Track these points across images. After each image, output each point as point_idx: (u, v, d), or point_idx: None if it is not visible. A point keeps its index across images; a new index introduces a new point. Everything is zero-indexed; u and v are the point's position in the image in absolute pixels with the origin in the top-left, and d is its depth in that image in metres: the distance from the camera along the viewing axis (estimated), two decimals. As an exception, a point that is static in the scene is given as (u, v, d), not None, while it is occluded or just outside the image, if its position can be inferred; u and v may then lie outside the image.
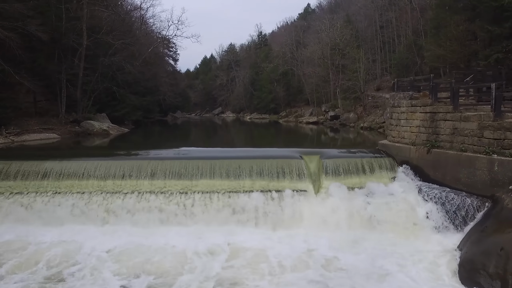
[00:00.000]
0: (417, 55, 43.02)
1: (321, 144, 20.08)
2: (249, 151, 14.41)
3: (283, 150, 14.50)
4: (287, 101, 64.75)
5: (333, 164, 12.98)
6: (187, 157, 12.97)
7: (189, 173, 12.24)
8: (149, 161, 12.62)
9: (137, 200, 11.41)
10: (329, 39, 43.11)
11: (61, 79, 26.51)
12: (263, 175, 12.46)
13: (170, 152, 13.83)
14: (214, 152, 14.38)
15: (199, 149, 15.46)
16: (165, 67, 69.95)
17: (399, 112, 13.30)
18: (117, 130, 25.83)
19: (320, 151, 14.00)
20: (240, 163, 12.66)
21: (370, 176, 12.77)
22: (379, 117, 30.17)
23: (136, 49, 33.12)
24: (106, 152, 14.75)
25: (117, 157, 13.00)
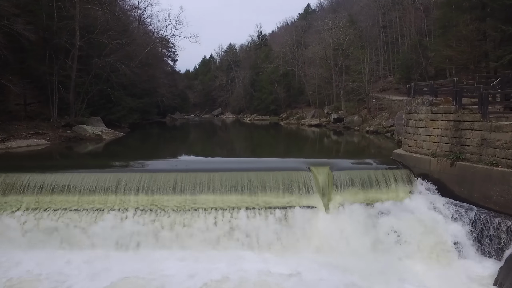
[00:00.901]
0: (422, 56, 41.90)
1: (328, 151, 18.70)
2: (251, 161, 13.14)
3: (289, 160, 13.26)
4: (288, 102, 63.52)
5: (344, 176, 11.76)
6: (178, 169, 11.70)
7: (182, 187, 11.02)
8: (142, 174, 11.39)
9: (121, 218, 10.17)
10: (332, 39, 41.84)
11: (52, 81, 25.26)
12: (267, 190, 11.23)
13: (161, 164, 12.59)
14: (212, 163, 13.06)
15: (195, 158, 14.23)
16: (164, 67, 68.72)
17: (417, 119, 12.06)
18: (111, 135, 24.56)
19: (329, 162, 12.74)
20: (241, 176, 11.43)
21: (385, 190, 11.54)
22: (385, 120, 28.94)
23: (133, 49, 31.84)
24: (90, 163, 13.42)
25: (101, 169, 11.73)
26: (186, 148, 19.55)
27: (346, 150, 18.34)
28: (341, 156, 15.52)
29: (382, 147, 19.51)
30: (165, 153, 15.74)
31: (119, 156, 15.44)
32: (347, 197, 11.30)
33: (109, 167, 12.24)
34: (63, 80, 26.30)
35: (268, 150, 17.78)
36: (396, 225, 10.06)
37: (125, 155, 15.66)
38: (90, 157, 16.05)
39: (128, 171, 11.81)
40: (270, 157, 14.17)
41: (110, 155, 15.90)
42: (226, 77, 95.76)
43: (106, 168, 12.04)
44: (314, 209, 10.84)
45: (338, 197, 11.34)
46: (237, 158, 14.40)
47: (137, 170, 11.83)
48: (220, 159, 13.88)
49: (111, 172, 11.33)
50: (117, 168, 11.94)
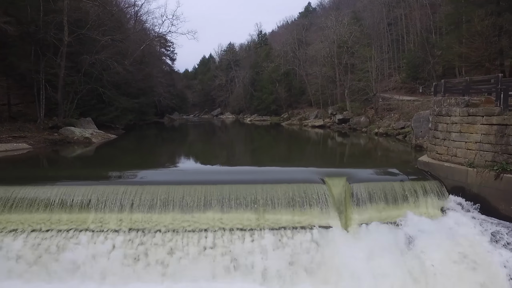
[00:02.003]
0: (430, 54, 40.19)
1: (340, 157, 16.73)
2: (254, 171, 11.37)
3: (298, 170, 11.50)
4: (289, 102, 61.82)
5: (364, 189, 10.01)
6: (169, 181, 9.94)
7: (173, 203, 9.27)
8: (126, 187, 9.63)
9: (96, 242, 8.42)
10: (336, 36, 40.06)
11: (39, 80, 23.49)
12: (274, 206, 9.48)
13: (150, 174, 10.79)
14: (209, 173, 11.24)
15: (189, 167, 12.43)
16: (161, 66, 67.00)
17: (448, 123, 10.31)
18: (102, 137, 22.79)
19: (345, 172, 11.01)
20: (243, 189, 9.67)
21: (413, 206, 9.82)
22: (395, 121, 27.19)
23: (127, 46, 30.04)
24: (66, 173, 11.63)
25: (76, 181, 9.97)
26: (181, 153, 17.67)
27: (360, 156, 16.49)
28: (357, 164, 13.64)
29: (397, 152, 17.73)
30: (157, 159, 13.95)
31: (105, 163, 13.65)
32: (368, 215, 9.58)
33: (87, 177, 10.47)
34: (51, 79, 24.54)
35: (273, 156, 15.92)
36: (429, 251, 8.32)
37: (112, 162, 13.87)
38: (70, 165, 14.08)
39: (111, 183, 10.05)
40: (275, 166, 12.39)
41: (94, 162, 14.07)
42: (225, 77, 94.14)
43: (83, 179, 10.28)
44: (330, 230, 9.10)
45: (357, 215, 9.61)
46: (238, 167, 12.58)
47: (121, 182, 10.06)
48: (219, 168, 12.07)
49: (88, 185, 9.57)
50: (96, 179, 10.16)
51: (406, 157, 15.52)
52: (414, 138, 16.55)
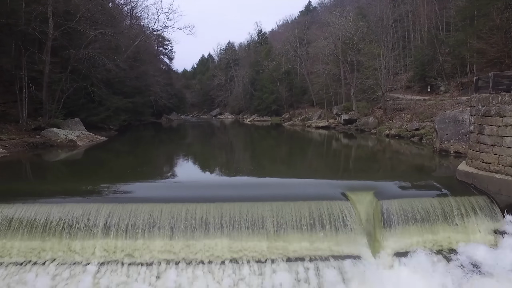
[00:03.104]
0: (439, 52, 38.30)
1: (357, 164, 14.25)
2: (261, 185, 9.36)
3: (312, 183, 9.49)
4: (290, 102, 59.85)
5: (397, 207, 8.10)
6: (157, 198, 7.99)
7: (159, 226, 7.33)
8: (103, 205, 7.68)
9: (63, 278, 6.48)
10: (341, 32, 38.09)
11: (22, 77, 21.51)
12: (286, 230, 7.55)
13: (135, 188, 8.79)
14: (206, 187, 9.19)
15: (183, 179, 10.39)
16: (159, 65, 65.03)
17: (500, 125, 8.37)
18: (90, 140, 20.81)
19: (371, 185, 9.09)
20: (248, 208, 7.74)
21: (461, 229, 7.88)
22: (407, 122, 25.25)
23: (118, 41, 28.02)
24: (35, 187, 9.59)
25: (46, 198, 7.99)
26: (174, 160, 15.49)
27: (380, 163, 14.42)
28: (380, 174, 11.50)
29: (420, 157, 15.76)
30: (145, 168, 11.88)
31: (82, 172, 11.61)
32: (404, 241, 7.66)
33: (61, 193, 8.49)
34: (36, 76, 22.61)
35: (279, 163, 13.81)
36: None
37: (92, 171, 11.79)
38: (38, 175, 11.74)
39: (87, 200, 8.07)
40: (284, 177, 10.40)
41: (69, 172, 11.97)
42: (225, 76, 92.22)
43: (56, 195, 8.30)
44: (358, 261, 7.17)
45: (391, 241, 7.68)
46: (240, 178, 10.49)
47: (97, 199, 8.09)
48: (218, 180, 10.02)
49: (50, 203, 7.62)
50: (63, 196, 8.18)
51: (432, 164, 13.57)
52: (439, 141, 14.59)
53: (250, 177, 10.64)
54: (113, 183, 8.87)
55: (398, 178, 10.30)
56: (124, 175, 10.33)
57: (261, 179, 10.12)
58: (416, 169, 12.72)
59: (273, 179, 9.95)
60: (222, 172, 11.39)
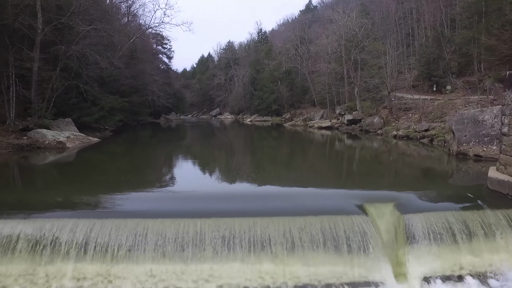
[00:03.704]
0: (445, 50, 37.14)
1: (367, 166, 12.92)
2: (264, 195, 8.12)
3: (323, 192, 8.29)
4: (291, 102, 58.66)
5: (425, 222, 6.92)
6: (143, 212, 6.82)
7: (143, 247, 6.15)
8: (78, 221, 6.49)
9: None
10: (345, 29, 36.87)
11: (9, 74, 20.33)
12: (294, 251, 6.37)
13: (116, 200, 7.58)
14: (202, 198, 7.95)
15: (177, 187, 9.19)
16: (157, 64, 63.92)
17: (544, 126, 7.19)
18: (81, 141, 19.62)
19: (390, 195, 7.90)
20: (250, 224, 6.57)
21: (503, 247, 6.70)
22: (416, 123, 24.05)
23: (115, 39, 26.83)
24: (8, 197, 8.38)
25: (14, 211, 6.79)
26: (168, 165, 14.14)
27: (394, 168, 13.18)
28: (398, 181, 10.13)
29: (436, 161, 14.54)
30: (134, 175, 10.57)
31: (62, 180, 10.33)
32: (435, 262, 6.49)
33: (27, 206, 7.30)
34: (26, 74, 21.46)
35: (283, 168, 12.57)
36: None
37: (72, 178, 10.45)
38: (13, 182, 10.59)
39: (63, 215, 6.86)
40: (290, 185, 9.19)
41: (47, 179, 10.70)
42: (224, 76, 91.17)
43: (21, 208, 7.10)
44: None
45: (419, 263, 6.51)
46: (241, 187, 9.21)
47: (70, 214, 6.89)
48: (214, 190, 8.68)
49: (24, 218, 6.43)
50: (39, 210, 6.99)
51: (453, 170, 12.36)
52: (456, 143, 13.40)
53: (251, 185, 9.34)
54: (93, 194, 7.69)
55: (419, 186, 9.12)
56: (107, 183, 9.13)
57: (264, 188, 8.86)
58: (436, 175, 11.49)
59: (278, 188, 8.72)
60: (219, 179, 10.15)
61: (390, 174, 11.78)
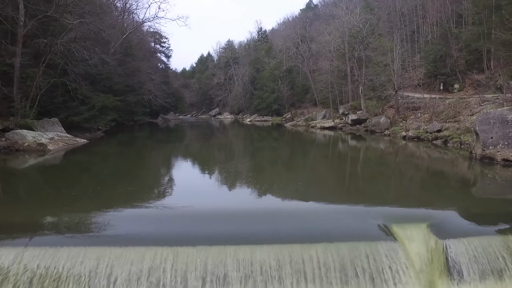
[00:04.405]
0: (452, 47, 35.67)
1: (383, 174, 11.04)
2: (265, 213, 6.50)
3: (338, 209, 6.70)
4: (292, 101, 57.21)
5: (470, 250, 5.42)
6: (117, 238, 5.31)
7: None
8: (30, 251, 5.00)
9: None
10: (349, 25, 35.33)
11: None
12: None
13: (80, 226, 6.04)
14: (184, 220, 6.38)
15: (167, 201, 7.53)
16: (155, 63, 62.41)
17: None
18: (65, 143, 18.09)
19: (422, 214, 6.40)
20: (246, 254, 5.07)
21: None
22: (426, 123, 22.55)
23: (104, 33, 25.27)
24: None
25: None
26: (155, 173, 12.08)
27: (415, 177, 11.41)
28: (424, 193, 8.52)
29: (457, 166, 13.00)
30: (118, 184, 9.03)
31: (28, 194, 8.73)
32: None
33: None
34: (8, 71, 19.98)
35: (286, 175, 10.89)
36: None
37: (37, 192, 8.82)
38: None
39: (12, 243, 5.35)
40: (295, 199, 7.60)
41: (13, 191, 9.13)
42: (224, 75, 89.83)
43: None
44: None
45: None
46: (237, 201, 7.52)
47: (15, 242, 5.36)
48: (209, 206, 6.88)
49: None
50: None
51: (483, 178, 10.81)
52: (481, 146, 11.89)
53: (249, 199, 7.71)
54: (56, 212, 6.19)
55: (450, 200, 7.60)
56: (79, 197, 7.59)
57: (264, 204, 7.19)
58: (465, 185, 9.92)
59: (281, 205, 7.10)
60: (210, 192, 8.58)
61: (411, 183, 10.20)
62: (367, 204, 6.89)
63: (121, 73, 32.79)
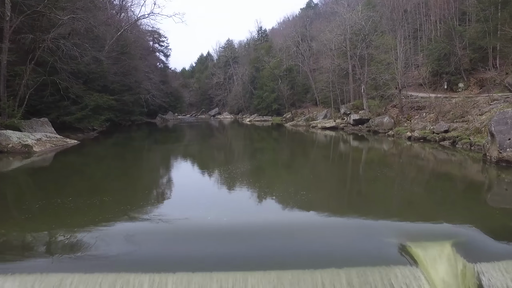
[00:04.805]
0: (457, 45, 34.72)
1: (393, 181, 9.80)
2: (263, 230, 5.55)
3: (346, 224, 5.79)
4: (292, 101, 56.29)
5: (507, 278, 4.51)
6: (71, 266, 4.39)
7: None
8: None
9: None
10: (350, 23, 34.39)
11: (-26, 68, 17.95)
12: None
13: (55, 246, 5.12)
14: (165, 244, 5.44)
15: (157, 215, 6.56)
16: (153, 62, 61.49)
17: None
18: (53, 144, 17.17)
19: (445, 230, 5.48)
20: (245, 284, 4.17)
21: None
22: (431, 123, 21.64)
23: (96, 29, 24.31)
24: None
25: None
26: (143, 181, 10.63)
27: (429, 182, 10.31)
28: (445, 206, 7.41)
29: (472, 170, 12.05)
30: (102, 193, 8.01)
31: (5, 200, 7.84)
32: None
33: None
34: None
35: (289, 184, 9.73)
36: None
37: (20, 199, 8.01)
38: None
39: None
40: (298, 212, 6.61)
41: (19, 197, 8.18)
42: (223, 75, 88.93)
43: None
44: None
45: None
46: (233, 214, 6.57)
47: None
48: (195, 222, 5.71)
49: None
50: None
51: (501, 183, 9.91)
52: (497, 148, 10.97)
53: (242, 213, 6.70)
54: (6, 231, 5.25)
55: (472, 211, 6.67)
56: (55, 208, 6.65)
57: (259, 219, 6.01)
58: (486, 193, 9.01)
59: (279, 219, 5.99)
60: (198, 204, 7.55)
61: (425, 191, 9.20)
62: (379, 218, 5.96)
63: (117, 71, 31.91)
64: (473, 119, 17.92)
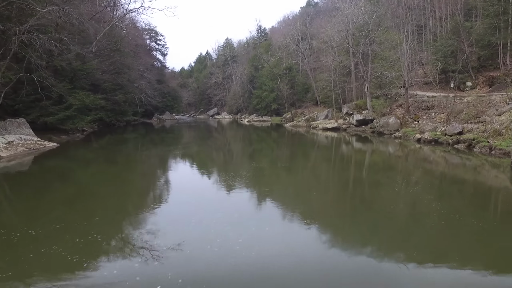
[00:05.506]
0: (464, 42, 33.05)
1: (415, 191, 8.55)
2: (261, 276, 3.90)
3: (372, 268, 4.16)
4: (292, 101, 54.62)
5: None
6: None
7: None
8: None
9: None
10: (353, 18, 32.71)
11: None
12: None
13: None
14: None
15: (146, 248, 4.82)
16: (149, 60, 59.82)
17: None
18: (26, 148, 15.52)
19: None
20: None
21: None
22: (442, 124, 19.96)
23: (75, 21, 22.54)
24: None
25: None
26: (123, 199, 8.62)
27: (465, 205, 8.37)
28: (496, 242, 5.67)
29: (504, 180, 10.36)
30: (67, 214, 6.37)
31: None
32: None
33: None
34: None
35: (286, 204, 8.07)
36: None
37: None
38: None
39: None
40: (297, 252, 4.80)
41: None
42: (222, 74, 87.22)
43: None
44: None
45: None
46: (216, 256, 4.79)
47: None
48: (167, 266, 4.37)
49: None
50: None
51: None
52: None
53: (244, 249, 5.11)
54: None
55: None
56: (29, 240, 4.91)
57: (261, 261, 4.55)
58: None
59: (271, 265, 4.45)
60: (189, 230, 5.83)
61: (460, 216, 7.31)
62: (403, 260, 4.28)
63: (108, 69, 30.25)
64: (491, 120, 16.26)
